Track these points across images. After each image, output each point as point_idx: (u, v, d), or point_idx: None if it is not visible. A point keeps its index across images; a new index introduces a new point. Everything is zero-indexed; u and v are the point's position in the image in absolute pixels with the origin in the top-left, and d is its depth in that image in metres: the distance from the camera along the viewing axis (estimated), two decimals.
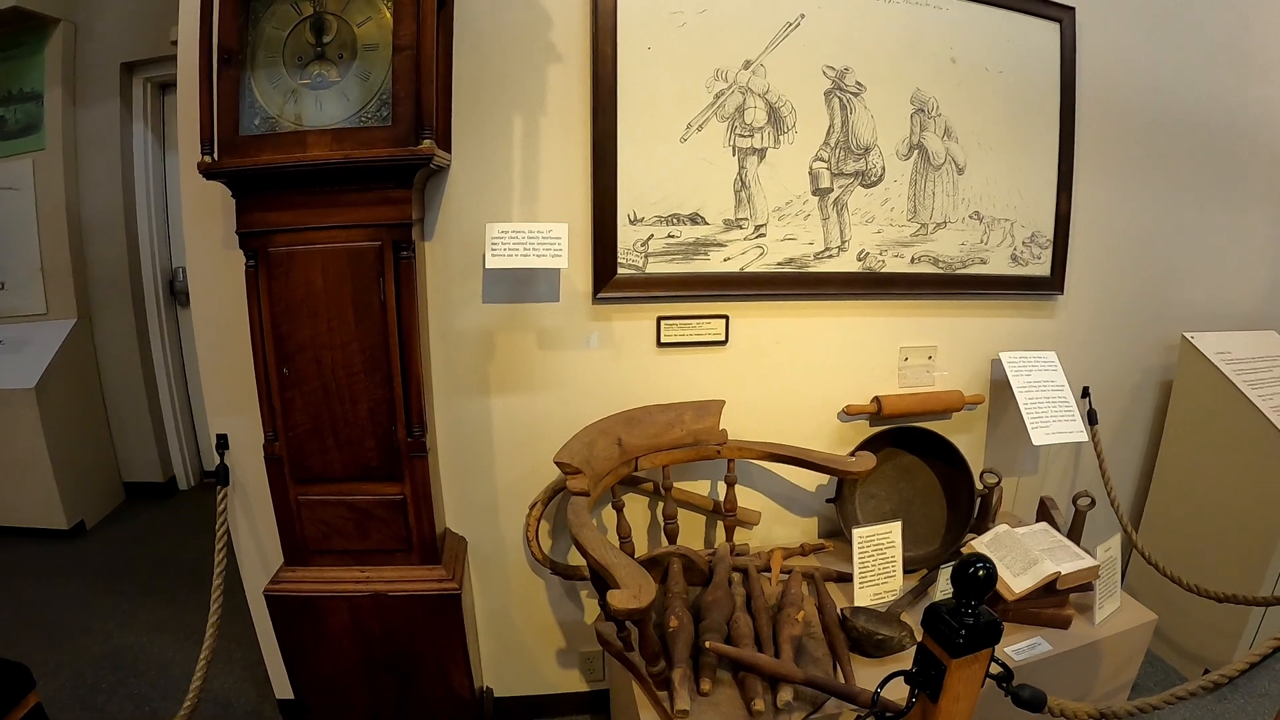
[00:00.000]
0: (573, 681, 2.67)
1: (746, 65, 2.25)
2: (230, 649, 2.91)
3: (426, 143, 1.74)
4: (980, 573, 1.20)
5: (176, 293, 4.58)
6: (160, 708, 2.68)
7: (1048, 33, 2.59)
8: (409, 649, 2.07)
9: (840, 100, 2.36)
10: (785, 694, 1.69)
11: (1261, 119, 3.11)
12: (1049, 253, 2.73)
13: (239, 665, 2.89)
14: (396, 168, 1.78)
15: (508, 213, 2.20)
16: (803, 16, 2.28)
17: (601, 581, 1.67)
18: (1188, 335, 2.94)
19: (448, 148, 2.06)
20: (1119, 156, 2.84)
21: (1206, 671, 2.69)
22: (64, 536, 4.06)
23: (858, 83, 2.37)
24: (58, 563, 3.82)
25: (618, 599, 1.49)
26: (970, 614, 1.21)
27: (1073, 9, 2.60)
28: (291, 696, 2.16)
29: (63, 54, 4.04)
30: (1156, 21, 2.79)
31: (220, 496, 2.22)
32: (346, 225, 1.82)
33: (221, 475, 2.23)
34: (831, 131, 2.37)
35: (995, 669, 1.30)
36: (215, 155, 1.75)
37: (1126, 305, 3.02)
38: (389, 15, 1.77)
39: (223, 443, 2.25)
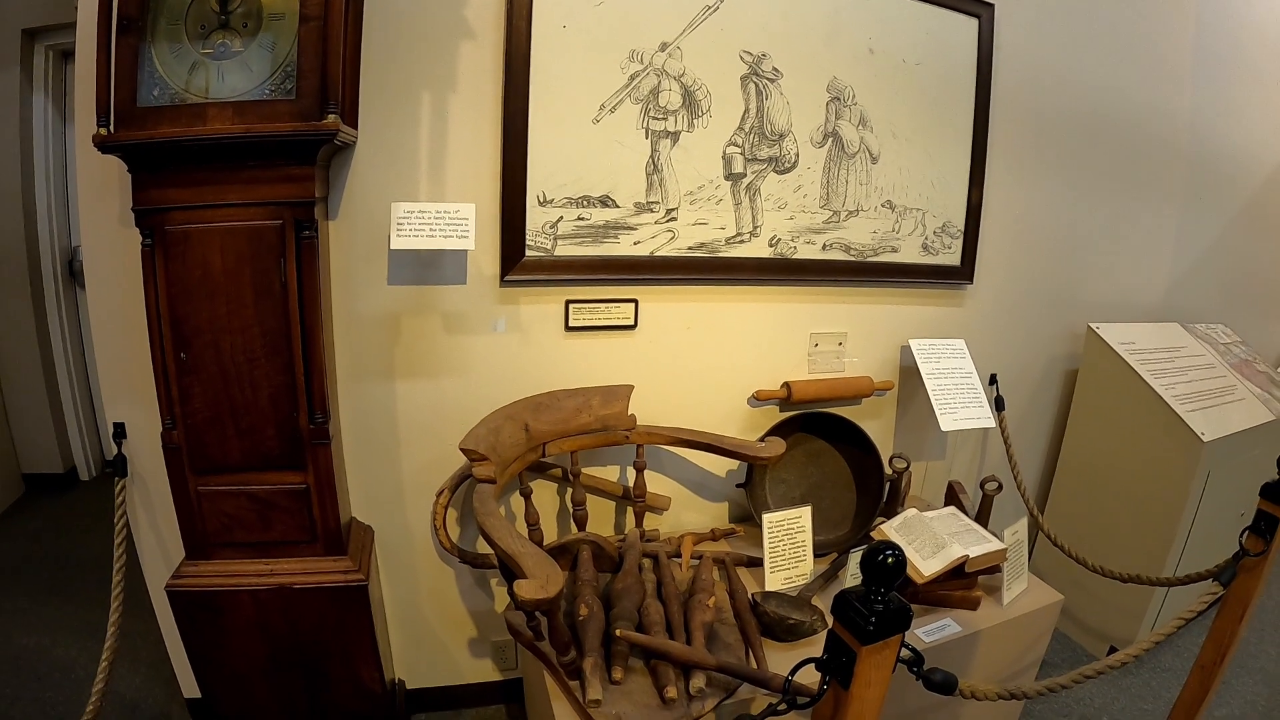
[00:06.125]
0: (486, 671, 2.64)
1: (663, 47, 2.23)
2: (136, 648, 2.78)
3: (332, 118, 1.69)
4: (890, 560, 1.20)
5: (76, 273, 4.34)
6: (67, 712, 2.55)
7: (966, 27, 2.63)
8: (317, 643, 2.02)
9: (756, 86, 2.36)
10: (698, 680, 1.69)
11: (1168, 118, 3.24)
12: (959, 242, 2.79)
13: (144, 664, 2.77)
14: (300, 143, 1.71)
15: (415, 192, 2.14)
16: (722, 0, 2.27)
17: (510, 571, 1.65)
18: (1093, 325, 3.05)
19: (354, 124, 1.99)
20: (1031, 150, 2.92)
21: (1113, 650, 2.80)
22: None
23: (775, 69, 2.37)
24: None
25: (525, 589, 1.47)
26: (880, 601, 1.21)
27: (992, 5, 2.65)
28: (199, 695, 2.09)
29: None
30: (1072, 21, 2.87)
31: (119, 488, 2.12)
32: (247, 203, 1.75)
33: (119, 466, 2.12)
34: (746, 117, 2.37)
35: (906, 654, 1.31)
36: (111, 127, 1.66)
37: (1035, 295, 3.11)
38: None
39: (120, 431, 2.14)
